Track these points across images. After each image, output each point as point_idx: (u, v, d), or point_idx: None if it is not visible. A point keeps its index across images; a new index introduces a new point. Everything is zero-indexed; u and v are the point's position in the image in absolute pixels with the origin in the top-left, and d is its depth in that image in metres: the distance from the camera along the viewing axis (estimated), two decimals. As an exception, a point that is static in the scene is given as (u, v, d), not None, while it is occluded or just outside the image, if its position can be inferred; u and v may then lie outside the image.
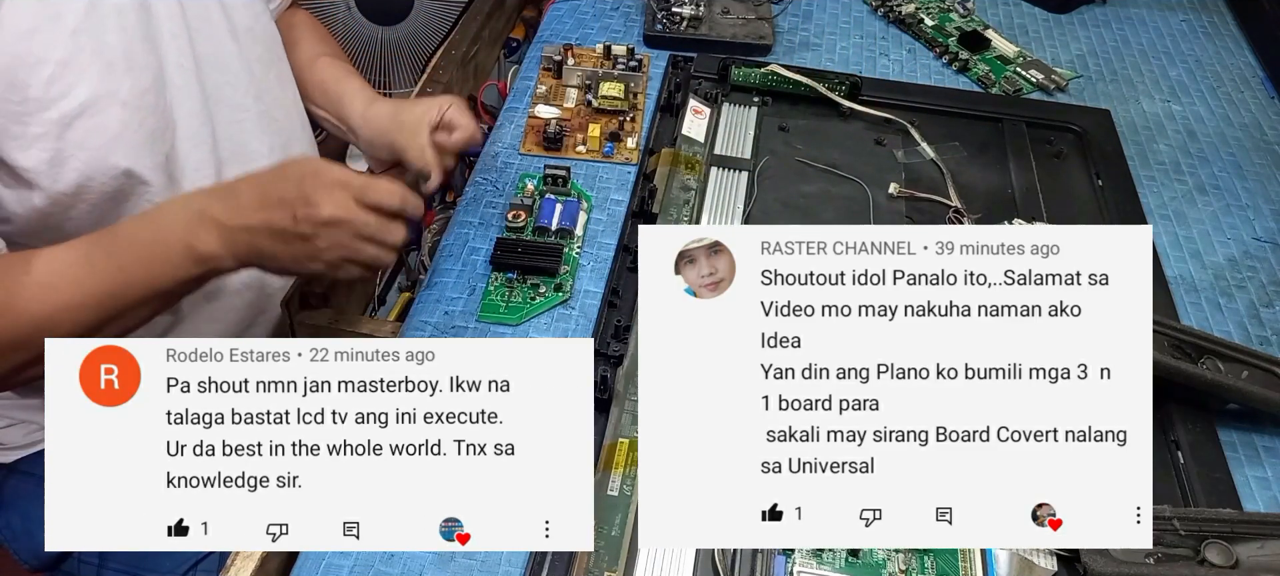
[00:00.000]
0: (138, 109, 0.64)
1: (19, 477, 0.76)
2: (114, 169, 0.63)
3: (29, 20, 0.58)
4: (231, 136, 0.74)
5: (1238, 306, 0.72)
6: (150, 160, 0.66)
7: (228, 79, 0.73)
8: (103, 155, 0.63)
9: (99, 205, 0.64)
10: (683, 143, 0.81)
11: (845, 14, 1.03)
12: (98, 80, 0.61)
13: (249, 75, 0.75)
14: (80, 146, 0.61)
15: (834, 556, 0.53)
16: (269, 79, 0.77)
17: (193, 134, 0.70)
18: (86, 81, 0.61)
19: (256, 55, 0.76)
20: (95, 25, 0.61)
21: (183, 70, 0.68)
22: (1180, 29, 1.05)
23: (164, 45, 0.67)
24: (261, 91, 0.76)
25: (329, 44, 0.86)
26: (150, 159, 0.66)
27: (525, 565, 0.52)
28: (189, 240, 0.58)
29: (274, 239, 0.58)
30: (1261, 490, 0.60)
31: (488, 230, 0.73)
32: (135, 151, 0.64)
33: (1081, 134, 0.86)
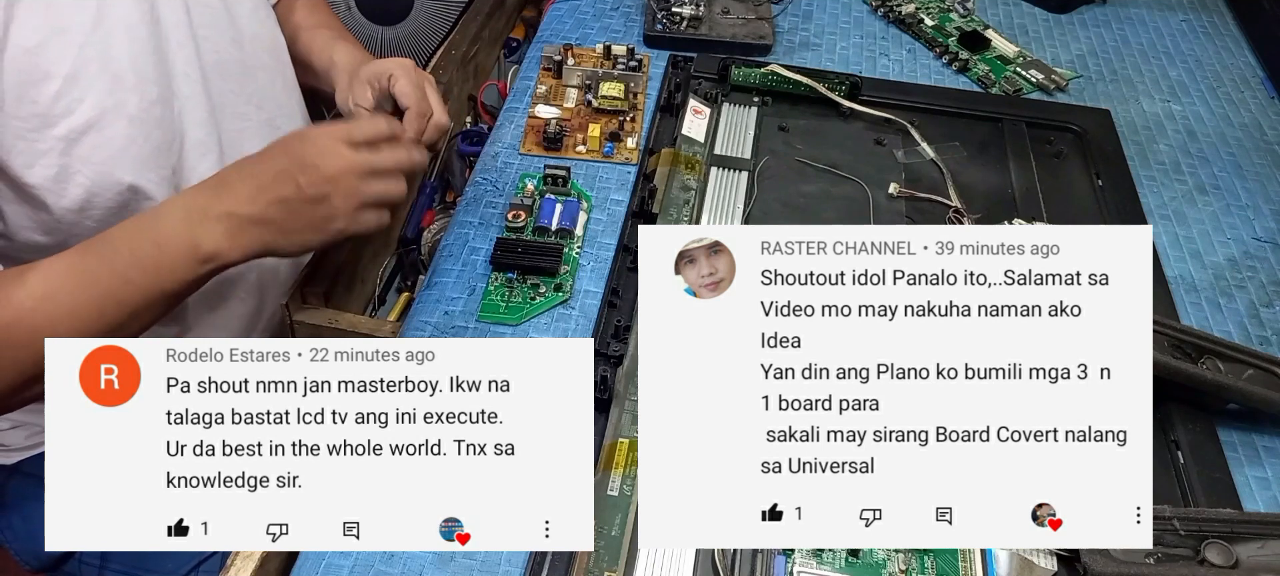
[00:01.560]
0: (144, 123, 0.63)
1: (21, 479, 0.76)
2: (119, 184, 0.63)
3: (36, 35, 0.57)
4: (236, 144, 0.73)
5: (1238, 306, 0.72)
6: (156, 175, 0.65)
7: (233, 87, 0.73)
8: (108, 170, 0.62)
9: (103, 221, 0.63)
10: (683, 143, 0.81)
11: (845, 14, 1.03)
12: (105, 94, 0.61)
13: (254, 83, 0.74)
14: (86, 161, 0.61)
15: (834, 556, 0.53)
16: (275, 87, 0.77)
17: (199, 144, 0.69)
18: (93, 96, 0.60)
19: (262, 63, 0.76)
20: (102, 39, 0.61)
21: (190, 80, 0.68)
22: (1180, 29, 1.05)
23: (172, 56, 0.66)
24: (265, 99, 0.76)
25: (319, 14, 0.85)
26: (156, 173, 0.65)
27: (525, 565, 0.52)
28: (192, 240, 0.57)
29: (286, 213, 0.57)
30: (1261, 490, 0.60)
31: (488, 230, 0.73)
32: (141, 166, 0.64)
33: (1081, 134, 0.86)
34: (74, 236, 0.63)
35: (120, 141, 0.62)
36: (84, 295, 0.55)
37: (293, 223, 0.58)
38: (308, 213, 0.58)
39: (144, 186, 0.64)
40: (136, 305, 0.57)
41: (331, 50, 0.78)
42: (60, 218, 0.62)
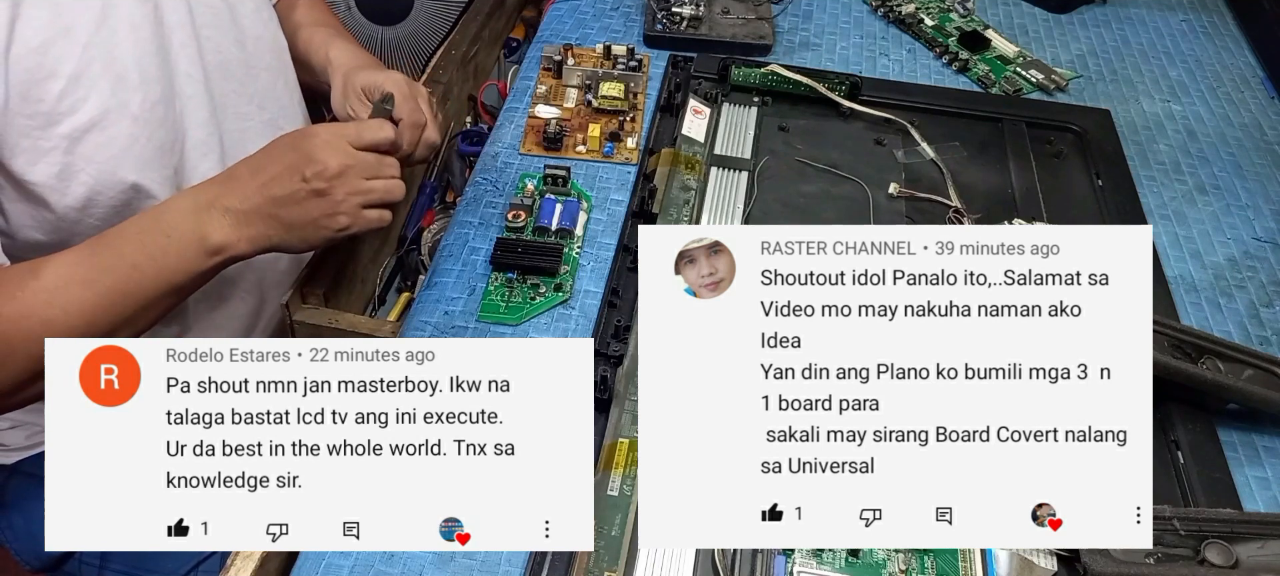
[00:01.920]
0: (147, 122, 0.64)
1: (21, 479, 0.76)
2: (121, 183, 0.63)
3: (41, 34, 0.58)
4: (238, 144, 0.73)
5: (1238, 306, 0.72)
6: (158, 174, 0.66)
7: (235, 88, 0.73)
8: (111, 169, 0.62)
9: (105, 221, 0.64)
10: (683, 143, 0.81)
11: (845, 14, 1.03)
12: (108, 93, 0.61)
13: (256, 83, 0.75)
14: (89, 160, 0.61)
15: (834, 556, 0.53)
16: (277, 87, 0.77)
17: (201, 144, 0.70)
18: (97, 95, 0.61)
19: (264, 63, 0.76)
20: (106, 38, 0.61)
21: (192, 80, 0.68)
22: (1180, 29, 1.05)
23: (175, 56, 0.67)
24: (267, 100, 0.76)
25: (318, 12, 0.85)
26: (158, 172, 0.66)
27: (525, 565, 0.52)
28: (200, 232, 0.58)
29: (289, 207, 0.59)
30: (1261, 490, 0.60)
31: (488, 230, 0.73)
32: (143, 165, 0.64)
33: (1081, 134, 0.86)
34: (76, 236, 0.63)
35: (123, 141, 0.62)
36: (95, 288, 0.56)
37: (297, 217, 0.59)
38: (312, 207, 0.59)
39: (146, 185, 0.65)
40: (147, 297, 0.58)
41: (329, 48, 0.78)
42: (62, 216, 0.62)
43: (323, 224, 0.60)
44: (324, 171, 0.58)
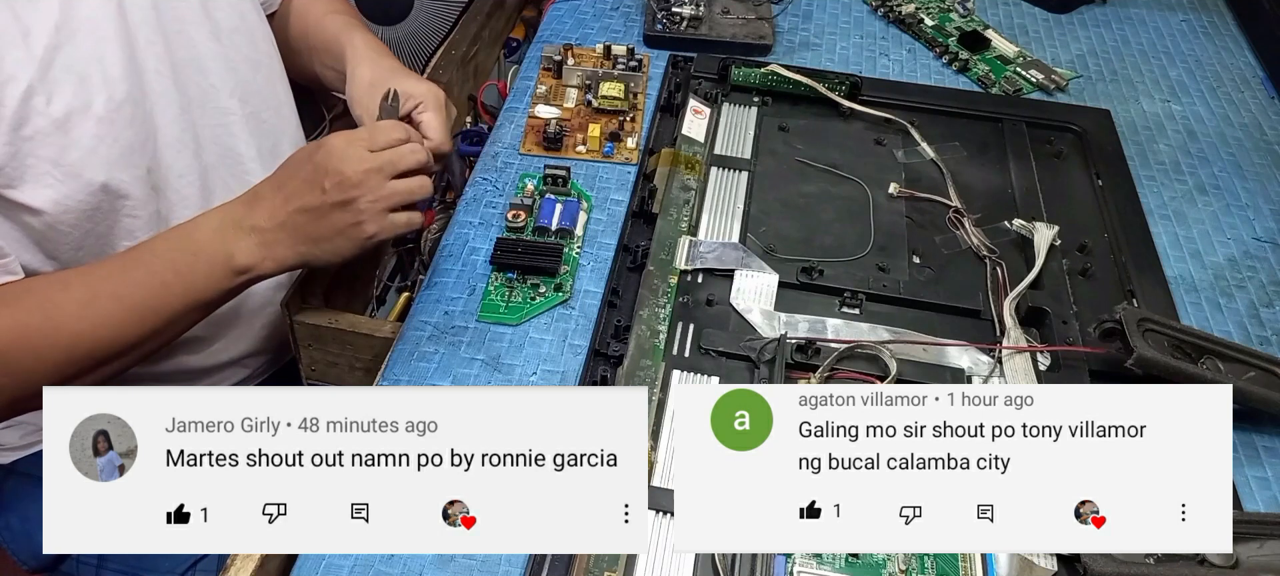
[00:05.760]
0: (112, 123, 0.63)
1: (17, 479, 0.76)
2: (90, 184, 0.62)
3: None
4: (216, 139, 0.73)
5: (1238, 306, 0.72)
6: (129, 173, 0.65)
7: (210, 82, 0.72)
8: (77, 171, 0.61)
9: (80, 221, 0.63)
10: (683, 143, 0.81)
11: (845, 14, 1.03)
12: (71, 95, 0.60)
13: (234, 77, 0.74)
14: (55, 163, 0.60)
15: (834, 556, 0.53)
16: (257, 80, 0.76)
17: (174, 140, 0.69)
18: (60, 97, 0.60)
19: (243, 56, 0.74)
20: (67, 39, 0.60)
21: (161, 76, 0.67)
22: (1180, 29, 1.05)
23: (141, 53, 0.66)
24: (248, 93, 0.75)
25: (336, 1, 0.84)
26: (129, 172, 0.65)
27: (525, 565, 0.52)
28: (226, 252, 0.58)
29: (314, 221, 0.58)
30: (1261, 490, 0.60)
31: (488, 230, 0.73)
32: (111, 165, 0.63)
33: (1081, 134, 0.86)
34: (51, 239, 0.63)
35: (88, 141, 0.61)
36: (124, 303, 0.57)
37: (322, 230, 0.59)
38: (336, 218, 0.58)
39: (116, 185, 0.64)
40: (173, 312, 0.59)
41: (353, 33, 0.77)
42: (35, 220, 0.61)
43: (350, 234, 0.59)
44: (343, 181, 0.58)
